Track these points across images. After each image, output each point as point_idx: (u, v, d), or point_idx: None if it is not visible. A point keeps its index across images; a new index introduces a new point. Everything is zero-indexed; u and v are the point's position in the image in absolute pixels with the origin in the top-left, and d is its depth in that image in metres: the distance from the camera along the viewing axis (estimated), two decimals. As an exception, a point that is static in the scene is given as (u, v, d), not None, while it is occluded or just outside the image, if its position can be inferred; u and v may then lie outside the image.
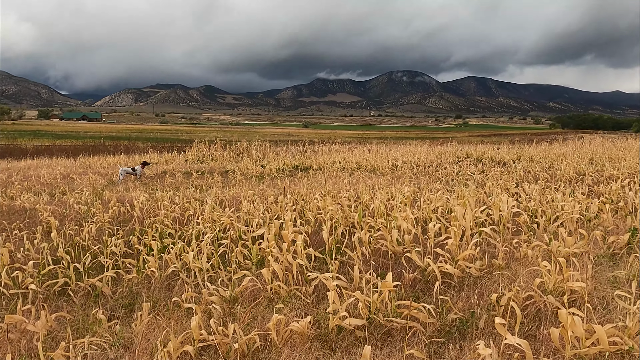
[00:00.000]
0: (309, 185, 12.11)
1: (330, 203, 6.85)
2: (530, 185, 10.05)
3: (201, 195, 9.92)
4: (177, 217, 7.29)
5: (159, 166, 20.78)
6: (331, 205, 6.56)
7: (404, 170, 17.37)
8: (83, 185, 13.73)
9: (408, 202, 6.16)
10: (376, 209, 6.22)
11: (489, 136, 72.28)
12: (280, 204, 7.32)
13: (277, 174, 16.78)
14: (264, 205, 7.59)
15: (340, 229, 5.63)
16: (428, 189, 9.89)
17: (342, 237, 5.79)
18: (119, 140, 54.32)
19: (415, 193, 8.88)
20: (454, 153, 25.94)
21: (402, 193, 8.40)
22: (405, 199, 6.63)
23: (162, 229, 6.46)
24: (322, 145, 30.21)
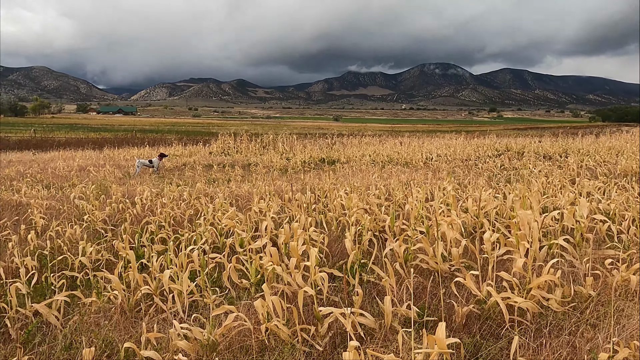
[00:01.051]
0: (335, 179, 10.98)
1: (356, 203, 5.71)
2: (590, 181, 8.63)
3: (214, 190, 8.93)
4: (179, 217, 6.30)
5: (182, 158, 20.06)
6: (357, 204, 5.42)
7: (440, 164, 16.02)
8: (98, 177, 13.03)
9: (453, 203, 4.96)
10: (412, 211, 5.05)
11: (525, 129, 69.44)
12: (297, 202, 6.22)
13: (302, 167, 15.72)
14: (279, 204, 6.51)
15: (368, 237, 4.49)
16: (472, 186, 8.61)
17: (369, 246, 4.65)
18: (151, 133, 54.65)
19: (456, 191, 7.63)
20: (493, 146, 24.29)
21: (443, 190, 7.17)
22: (448, 199, 5.41)
23: (157, 231, 5.48)
24: (351, 138, 28.98)
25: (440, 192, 7.83)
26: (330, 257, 4.56)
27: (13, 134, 48.65)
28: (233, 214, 5.70)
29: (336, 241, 5.15)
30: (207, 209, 5.99)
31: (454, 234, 4.19)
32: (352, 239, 4.33)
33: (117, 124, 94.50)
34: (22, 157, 21.48)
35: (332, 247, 4.97)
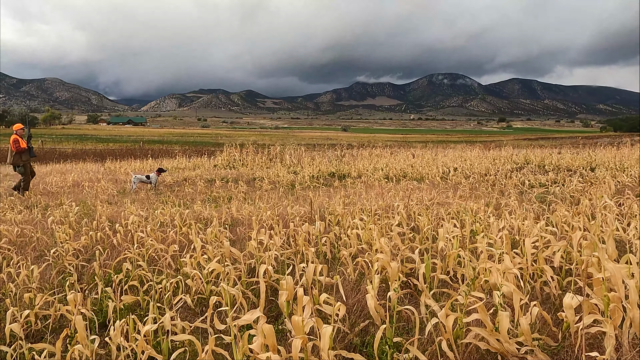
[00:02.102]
0: (347, 199, 9.93)
1: (377, 236, 4.65)
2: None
3: (210, 213, 7.91)
4: (162, 251, 5.28)
5: (184, 172, 19.12)
6: (379, 240, 4.37)
7: (458, 179, 14.91)
8: (91, 194, 12.09)
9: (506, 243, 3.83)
10: (449, 254, 3.98)
11: (536, 140, 68.17)
12: (304, 234, 5.15)
13: (311, 182, 14.69)
14: (283, 236, 5.46)
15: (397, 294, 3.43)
16: (505, 208, 7.52)
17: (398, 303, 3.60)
18: (159, 144, 54.16)
19: (489, 216, 6.54)
20: (510, 158, 23.12)
21: (474, 215, 6.08)
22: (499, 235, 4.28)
23: (132, 271, 4.45)
24: (361, 150, 27.93)
25: (470, 215, 6.75)
26: (347, 317, 3.51)
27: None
28: (227, 250, 4.67)
29: (353, 290, 4.10)
30: (198, 241, 4.96)
31: (517, 293, 3.11)
32: (375, 294, 3.27)
33: (125, 134, 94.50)
34: (20, 171, 20.67)
35: (348, 297, 3.91)
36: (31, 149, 12.12)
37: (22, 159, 11.93)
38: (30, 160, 12.16)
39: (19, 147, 11.84)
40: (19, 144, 11.86)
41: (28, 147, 12.04)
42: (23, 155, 11.94)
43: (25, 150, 11.95)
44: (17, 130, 12.12)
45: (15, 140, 11.91)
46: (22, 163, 11.96)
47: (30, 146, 12.10)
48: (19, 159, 11.91)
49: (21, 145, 11.87)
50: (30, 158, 12.09)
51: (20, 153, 11.89)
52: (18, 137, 11.94)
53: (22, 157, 11.94)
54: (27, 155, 12.01)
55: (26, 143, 12.02)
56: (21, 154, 11.91)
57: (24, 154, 11.96)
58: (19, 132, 12.04)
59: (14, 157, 11.95)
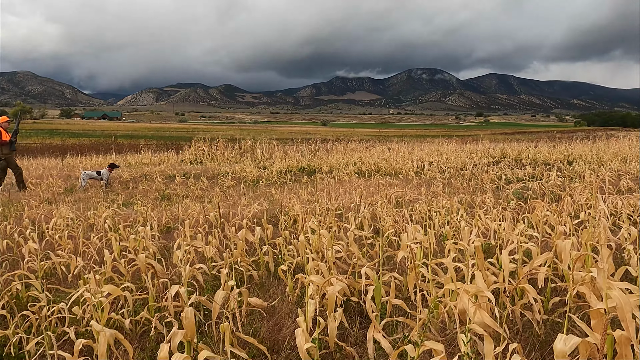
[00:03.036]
0: (312, 195, 9.12)
1: (328, 244, 3.85)
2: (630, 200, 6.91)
3: (150, 214, 6.98)
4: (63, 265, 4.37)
5: (148, 167, 18.05)
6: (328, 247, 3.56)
7: (433, 174, 14.25)
8: (36, 192, 11.03)
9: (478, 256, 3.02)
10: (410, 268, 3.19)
11: (513, 134, 68.52)
12: (241, 243, 4.30)
13: (278, 178, 13.83)
14: (217, 243, 4.60)
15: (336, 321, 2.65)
16: (480, 206, 6.80)
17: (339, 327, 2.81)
18: (134, 138, 52.51)
19: (462, 216, 5.80)
20: (487, 152, 22.64)
21: (446, 214, 5.33)
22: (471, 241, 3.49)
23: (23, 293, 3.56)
24: (336, 144, 27.14)
25: (440, 216, 6.01)
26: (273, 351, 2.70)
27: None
28: (142, 264, 3.80)
29: (291, 315, 3.28)
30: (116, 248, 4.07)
31: (485, 318, 2.36)
32: (308, 327, 2.46)
33: (99, 129, 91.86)
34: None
35: (282, 326, 3.09)
36: (12, 143, 11.58)
37: (2, 152, 11.47)
38: (12, 154, 11.64)
39: (1, 140, 11.34)
40: (0, 136, 11.36)
41: (10, 140, 11.51)
42: (4, 148, 11.46)
43: (5, 143, 11.44)
44: (2, 122, 11.65)
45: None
46: (4, 156, 11.51)
47: (12, 140, 11.58)
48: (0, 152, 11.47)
49: (2, 138, 11.36)
50: (10, 152, 11.57)
51: (1, 146, 11.42)
52: (1, 130, 11.45)
53: (3, 150, 11.47)
54: (7, 148, 11.51)
55: (10, 136, 11.55)
56: (2, 147, 11.44)
57: (5, 147, 11.46)
58: (3, 125, 11.58)
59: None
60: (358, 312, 3.41)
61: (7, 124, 11.82)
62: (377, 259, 4.36)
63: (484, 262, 3.12)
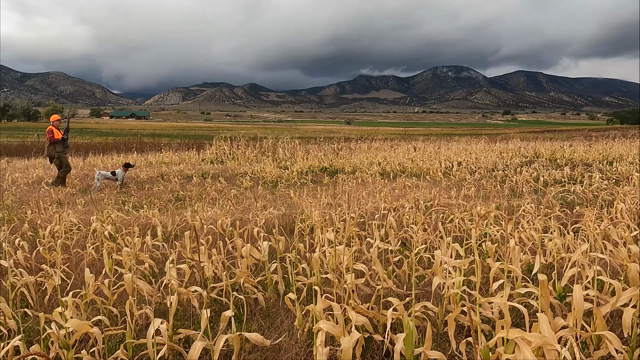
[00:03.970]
0: (333, 198, 8.50)
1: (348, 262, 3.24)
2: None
3: (156, 220, 6.46)
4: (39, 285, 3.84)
5: (168, 167, 17.71)
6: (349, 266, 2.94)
7: (462, 174, 13.44)
8: (49, 193, 10.71)
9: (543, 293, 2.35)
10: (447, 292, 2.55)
11: (542, 132, 66.41)
12: (246, 261, 3.70)
13: (298, 178, 13.24)
14: (221, 258, 4.01)
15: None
16: (521, 214, 6.06)
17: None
18: (160, 137, 52.87)
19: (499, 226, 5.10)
20: (518, 151, 21.57)
21: (481, 223, 4.63)
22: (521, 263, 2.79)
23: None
24: (360, 143, 26.42)
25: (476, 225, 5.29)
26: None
27: (18, 139, 47.13)
28: (128, 286, 3.24)
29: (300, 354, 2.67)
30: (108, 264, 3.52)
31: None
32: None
33: (126, 128, 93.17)
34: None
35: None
36: (65, 140, 11.79)
37: (55, 149, 11.62)
38: (65, 151, 11.83)
39: (53, 137, 11.51)
40: (53, 134, 11.52)
41: (62, 138, 11.71)
42: (57, 146, 11.62)
43: (59, 141, 11.62)
44: (54, 121, 11.84)
45: (49, 131, 11.61)
46: (57, 154, 11.66)
47: (64, 137, 11.78)
48: (52, 150, 11.62)
49: (55, 136, 11.54)
50: (64, 149, 11.77)
51: (54, 144, 11.59)
52: (53, 128, 11.62)
53: (56, 148, 11.62)
54: (60, 146, 11.68)
55: (61, 134, 11.72)
56: (55, 145, 11.60)
57: (58, 145, 11.63)
58: (55, 124, 11.75)
59: (48, 149, 11.72)
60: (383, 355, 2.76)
61: (59, 123, 11.94)
62: (405, 279, 3.70)
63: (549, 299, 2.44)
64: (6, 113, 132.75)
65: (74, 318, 2.90)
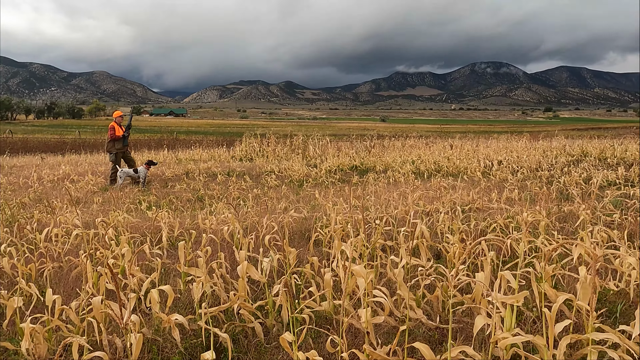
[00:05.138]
0: (359, 200, 7.82)
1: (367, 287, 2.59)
2: None
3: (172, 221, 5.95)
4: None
5: (196, 164, 17.40)
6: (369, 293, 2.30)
7: (503, 174, 12.47)
8: (71, 190, 10.46)
9: None
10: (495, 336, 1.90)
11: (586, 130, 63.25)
12: (243, 283, 3.08)
13: (327, 177, 12.60)
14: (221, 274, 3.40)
15: None
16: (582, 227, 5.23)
17: None
18: (196, 134, 53.48)
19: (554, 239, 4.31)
20: (563, 149, 20.21)
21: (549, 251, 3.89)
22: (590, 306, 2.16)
23: None
24: (394, 140, 25.52)
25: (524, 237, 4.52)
26: None
27: (58, 136, 48.52)
28: (96, 311, 2.69)
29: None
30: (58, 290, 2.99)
31: None
32: None
33: (164, 125, 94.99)
34: (28, 162, 19.60)
35: None
36: (125, 138, 11.87)
37: (115, 146, 11.73)
38: (124, 148, 11.92)
39: (114, 134, 11.63)
40: (114, 131, 11.64)
41: (123, 135, 11.77)
42: (117, 143, 11.73)
43: (119, 139, 11.70)
44: (116, 117, 11.95)
45: (111, 128, 11.72)
46: (115, 151, 11.75)
47: (125, 135, 11.85)
48: (112, 146, 11.76)
49: (116, 133, 11.63)
50: (123, 147, 11.84)
51: (114, 141, 11.71)
52: (115, 125, 11.73)
53: (115, 145, 11.74)
54: (120, 144, 11.76)
55: (122, 131, 11.77)
56: (115, 142, 11.72)
57: (118, 142, 11.73)
58: (117, 120, 11.87)
59: (108, 145, 11.85)
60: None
61: (121, 119, 11.98)
62: (438, 307, 3.00)
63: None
64: (52, 111, 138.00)
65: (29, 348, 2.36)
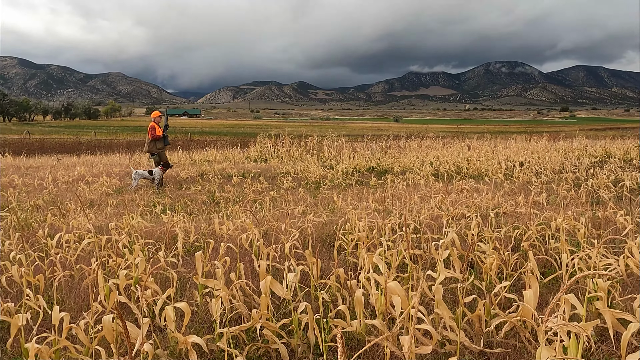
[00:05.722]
0: (380, 203, 7.53)
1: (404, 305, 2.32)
2: None
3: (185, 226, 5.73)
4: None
5: (211, 165, 17.25)
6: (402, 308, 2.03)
7: (526, 176, 12.07)
8: (86, 191, 10.34)
9: None
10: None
11: (604, 130, 61.94)
12: (265, 299, 2.83)
13: (343, 179, 12.32)
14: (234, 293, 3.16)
15: None
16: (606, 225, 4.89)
17: None
18: (210, 135, 53.51)
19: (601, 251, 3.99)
20: (586, 151, 19.67)
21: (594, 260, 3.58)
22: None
23: None
24: (409, 141, 25.13)
25: (563, 247, 4.20)
26: None
27: (74, 136, 48.91)
28: (108, 331, 2.46)
29: None
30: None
31: None
32: None
33: (178, 126, 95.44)
34: (44, 162, 19.63)
35: None
36: (166, 137, 11.88)
37: (156, 146, 11.67)
38: (165, 148, 11.90)
39: (155, 134, 11.57)
40: (155, 131, 11.58)
41: (164, 135, 11.77)
42: (158, 143, 11.68)
43: (160, 138, 11.67)
44: (155, 117, 11.87)
45: (152, 128, 11.63)
46: (156, 151, 11.68)
47: (165, 134, 11.84)
48: (153, 147, 11.67)
49: (157, 133, 11.59)
50: (164, 146, 11.83)
51: (155, 141, 11.64)
52: (155, 125, 11.67)
53: (157, 145, 11.68)
54: (161, 143, 11.73)
55: (162, 131, 11.75)
56: (156, 142, 11.65)
57: (159, 142, 11.68)
58: (156, 120, 11.79)
59: (149, 145, 11.75)
60: None
61: (160, 119, 11.89)
62: (480, 328, 2.71)
63: None
64: (69, 112, 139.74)
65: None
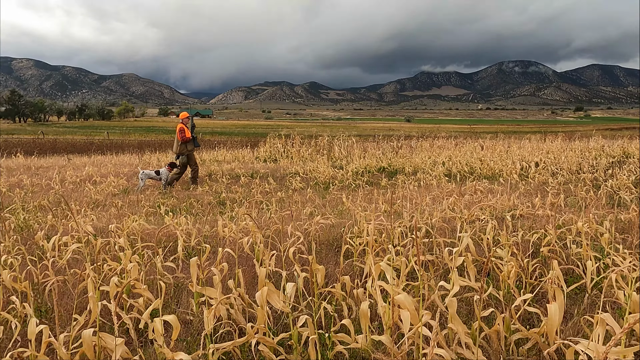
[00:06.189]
0: (391, 205, 7.26)
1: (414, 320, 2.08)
2: None
3: (187, 228, 5.52)
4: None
5: (220, 165, 17.10)
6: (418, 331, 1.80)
7: (542, 177, 11.71)
8: (91, 192, 10.22)
9: None
10: None
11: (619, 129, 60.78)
12: (262, 313, 2.59)
13: (353, 179, 12.07)
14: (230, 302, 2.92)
15: None
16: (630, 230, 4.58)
17: None
18: (220, 135, 53.59)
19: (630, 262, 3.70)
20: (602, 150, 19.16)
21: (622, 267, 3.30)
22: None
23: None
24: (421, 141, 24.77)
25: (585, 253, 3.90)
26: None
27: (86, 137, 49.29)
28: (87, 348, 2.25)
29: None
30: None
31: None
32: None
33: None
34: (54, 162, 19.66)
35: None
36: (195, 139, 11.98)
37: (187, 148, 11.76)
38: (194, 150, 11.99)
39: (184, 136, 11.62)
40: (184, 133, 11.64)
41: (192, 136, 11.84)
42: (188, 144, 11.76)
43: (190, 140, 11.75)
44: (183, 119, 11.90)
45: (181, 130, 11.70)
46: (187, 152, 11.78)
47: (194, 136, 11.94)
48: (184, 148, 11.73)
49: (186, 135, 11.64)
50: (194, 148, 11.93)
51: (185, 142, 11.71)
52: (184, 126, 11.72)
53: (187, 147, 11.76)
54: (191, 145, 11.83)
55: (190, 132, 11.81)
56: (186, 144, 11.73)
57: (189, 144, 11.77)
58: (184, 121, 11.82)
59: (179, 147, 11.78)
60: None
61: (188, 120, 11.90)
62: (498, 344, 2.45)
63: None
64: (83, 112, 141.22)
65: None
